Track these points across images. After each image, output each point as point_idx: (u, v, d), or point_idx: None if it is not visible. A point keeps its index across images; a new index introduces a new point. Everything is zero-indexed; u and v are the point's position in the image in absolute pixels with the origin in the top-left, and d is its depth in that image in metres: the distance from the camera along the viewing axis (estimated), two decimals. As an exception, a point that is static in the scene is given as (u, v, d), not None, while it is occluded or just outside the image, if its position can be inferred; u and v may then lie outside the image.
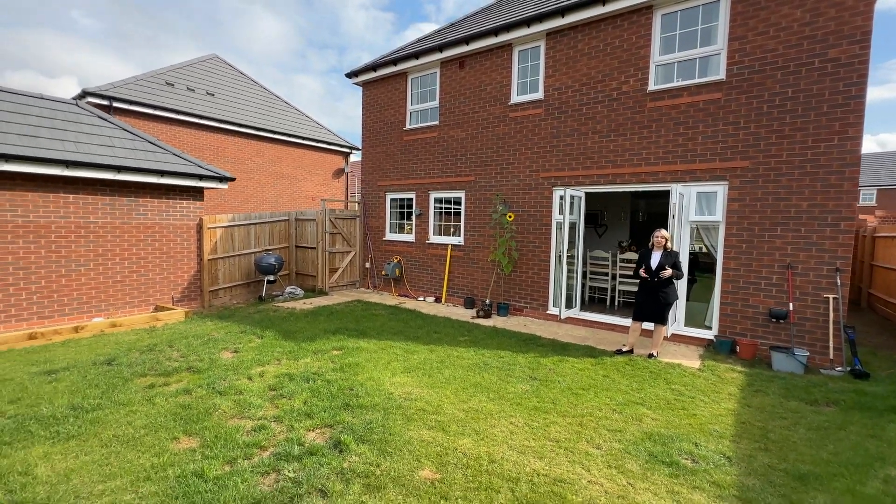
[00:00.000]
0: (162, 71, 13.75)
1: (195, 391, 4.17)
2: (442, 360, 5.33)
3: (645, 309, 5.70)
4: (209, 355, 5.29)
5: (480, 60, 8.68)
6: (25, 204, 6.52)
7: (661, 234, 5.67)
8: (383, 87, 10.44)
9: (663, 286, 5.55)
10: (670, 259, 5.55)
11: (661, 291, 5.55)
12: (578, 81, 7.45)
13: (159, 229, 8.00)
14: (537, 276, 8.03)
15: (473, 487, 2.76)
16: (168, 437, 3.28)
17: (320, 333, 6.39)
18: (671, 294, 5.60)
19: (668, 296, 5.57)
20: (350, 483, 2.75)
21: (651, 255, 5.67)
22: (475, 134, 8.82)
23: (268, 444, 3.23)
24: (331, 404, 3.90)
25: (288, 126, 15.95)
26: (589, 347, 6.13)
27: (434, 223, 9.74)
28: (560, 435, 3.52)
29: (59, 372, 4.65)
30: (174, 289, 8.26)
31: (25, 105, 7.32)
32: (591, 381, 4.79)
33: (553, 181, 7.80)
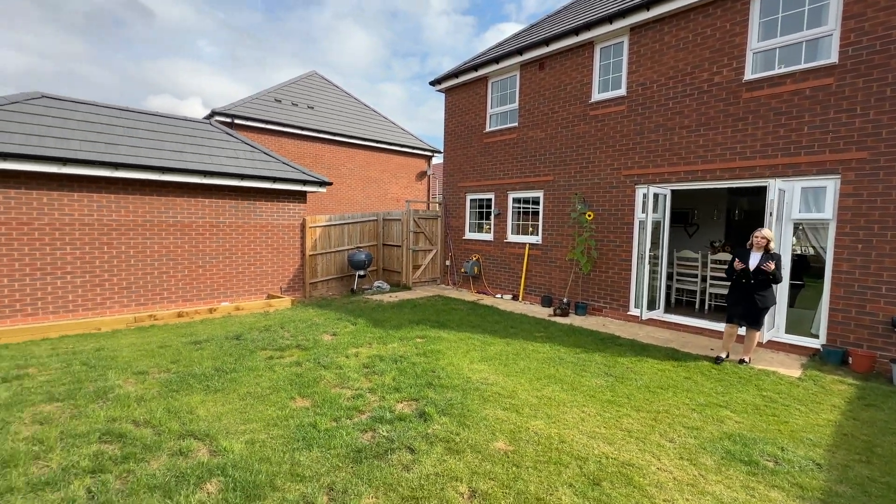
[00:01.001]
0: (271, 90, 15.65)
1: (304, 364, 4.92)
2: (517, 353, 5.58)
3: (739, 311, 5.33)
4: (313, 336, 6.11)
5: (560, 60, 8.73)
6: (175, 207, 8.01)
7: (763, 234, 5.18)
8: (464, 93, 10.90)
9: (761, 289, 5.14)
10: (771, 260, 5.11)
11: (759, 294, 5.15)
12: (664, 75, 7.20)
13: (271, 228, 9.26)
14: (618, 275, 7.89)
15: (543, 461, 3.01)
16: (287, 397, 3.99)
17: (405, 323, 6.99)
18: (769, 297, 5.21)
19: (765, 299, 5.17)
20: (433, 445, 3.16)
21: (749, 256, 5.25)
22: (554, 134, 8.89)
23: (365, 409, 3.78)
24: (416, 382, 4.38)
25: (376, 133, 17.17)
26: (671, 349, 5.95)
27: (512, 222, 9.96)
28: (632, 426, 3.60)
29: (202, 343, 5.74)
30: (282, 280, 9.49)
31: (173, 126, 8.95)
32: (670, 381, 4.72)
33: (636, 179, 7.61)
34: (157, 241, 7.83)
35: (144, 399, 3.89)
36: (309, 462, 2.92)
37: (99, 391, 4.04)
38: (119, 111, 8.52)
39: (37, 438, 3.16)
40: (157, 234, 7.83)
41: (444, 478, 2.79)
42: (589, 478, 2.84)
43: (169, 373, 4.59)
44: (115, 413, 3.59)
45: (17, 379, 4.34)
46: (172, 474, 2.75)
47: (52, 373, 4.53)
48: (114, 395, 3.95)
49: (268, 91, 15.46)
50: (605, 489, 2.72)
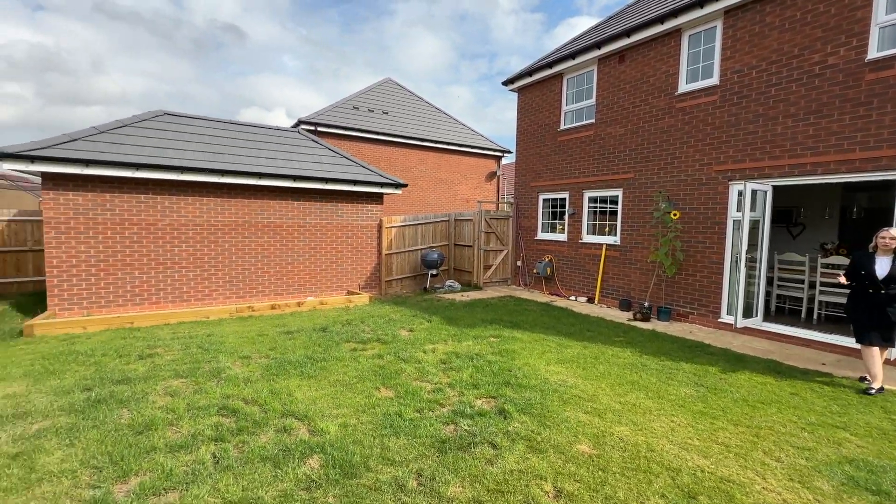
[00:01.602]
0: (349, 98, 16.56)
1: (385, 357, 5.18)
2: (596, 357, 5.40)
3: (868, 325, 4.51)
4: (391, 331, 6.39)
5: (643, 52, 8.29)
6: (269, 209, 8.80)
7: (892, 234, 4.43)
8: (538, 91, 10.74)
9: (894, 300, 4.39)
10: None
11: (891, 307, 4.39)
12: (766, 60, 6.55)
13: (351, 228, 9.82)
14: (707, 279, 7.31)
15: (631, 468, 2.90)
16: (372, 387, 4.23)
17: (478, 322, 7.06)
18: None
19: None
20: (515, 442, 3.19)
21: (874, 261, 4.50)
22: (635, 129, 8.46)
23: (445, 402, 3.90)
24: (493, 380, 4.42)
25: (447, 135, 17.48)
26: (773, 362, 5.40)
27: (588, 222, 9.63)
28: (730, 441, 3.34)
29: (293, 333, 6.26)
30: (360, 277, 10.02)
31: (267, 135, 9.83)
32: (773, 396, 4.29)
33: (729, 174, 7.01)
34: (254, 240, 8.66)
35: (250, 380, 4.34)
36: (397, 448, 3.09)
37: (213, 371, 4.58)
38: (223, 123, 9.55)
39: (169, 408, 3.67)
40: (254, 233, 8.65)
41: (528, 475, 2.80)
42: (683, 490, 2.69)
43: (268, 358, 5.07)
44: (228, 391, 4.05)
45: (150, 357, 5.06)
46: (279, 448, 3.06)
47: (175, 353, 5.22)
48: (225, 376, 4.45)
49: (346, 99, 16.39)
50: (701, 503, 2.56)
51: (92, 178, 7.12)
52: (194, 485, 2.64)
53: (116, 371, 4.55)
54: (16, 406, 3.69)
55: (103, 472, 2.75)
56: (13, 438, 3.17)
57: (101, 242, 7.29)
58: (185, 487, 2.62)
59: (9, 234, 9.07)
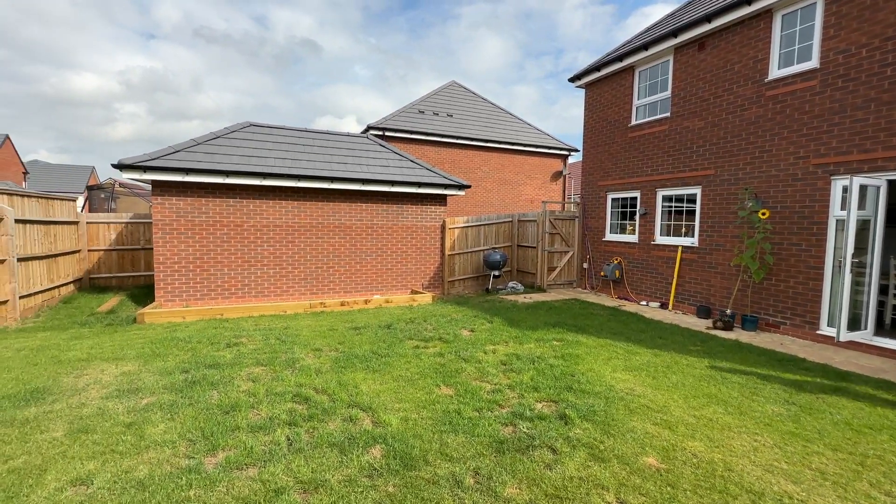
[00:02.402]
0: (415, 102, 17.01)
1: (446, 355, 5.26)
2: (668, 366, 5.06)
3: None
4: (453, 331, 6.47)
5: (726, 37, 7.62)
6: (339, 211, 9.31)
7: None
8: (606, 86, 10.28)
9: None
10: None
11: None
12: (879, 37, 5.73)
13: (416, 229, 10.09)
14: (803, 286, 6.54)
15: (705, 486, 2.69)
16: (432, 384, 4.33)
17: (541, 325, 6.92)
18: None
19: None
20: (576, 448, 3.09)
21: None
22: (716, 122, 7.79)
23: (504, 403, 3.88)
24: (554, 384, 4.32)
25: (511, 135, 17.32)
26: (886, 382, 4.71)
27: (661, 223, 9.04)
28: (826, 468, 2.97)
29: (360, 329, 6.58)
30: (423, 277, 10.25)
31: (338, 141, 10.41)
32: (884, 420, 3.75)
33: (831, 168, 6.22)
34: (326, 241, 9.22)
35: (321, 371, 4.64)
36: (455, 445, 3.14)
37: (289, 361, 4.96)
38: (300, 132, 10.27)
39: (251, 392, 4.04)
40: (326, 234, 9.21)
41: (589, 483, 2.71)
42: (766, 516, 2.44)
43: (337, 352, 5.38)
44: (301, 380, 4.37)
45: (235, 346, 5.59)
46: (345, 436, 3.24)
47: (257, 343, 5.71)
48: (299, 366, 4.80)
49: (412, 104, 16.85)
50: (788, 533, 2.31)
51: (191, 184, 8.02)
52: (271, 463, 2.88)
53: (208, 357, 5.08)
54: (130, 382, 4.27)
55: (196, 445, 3.10)
56: (127, 410, 3.67)
57: (198, 241, 8.18)
58: (262, 465, 2.87)
59: (126, 235, 10.49)
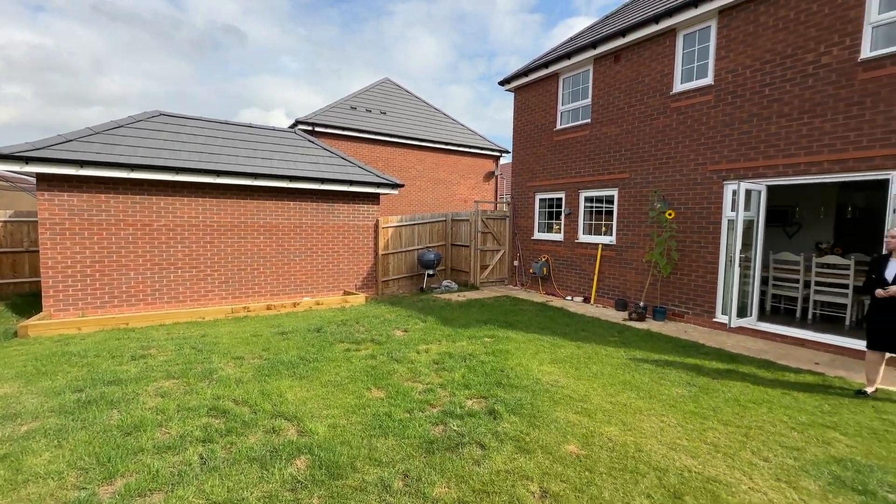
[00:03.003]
0: (347, 98, 16.56)
1: (378, 357, 5.18)
2: (589, 357, 5.40)
3: (884, 336, 4.28)
4: (386, 332, 6.39)
5: (638, 52, 8.29)
6: (265, 209, 8.80)
7: (893, 234, 4.30)
8: (534, 91, 10.74)
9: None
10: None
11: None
12: (759, 60, 6.55)
13: (347, 229, 9.82)
14: (702, 279, 7.31)
15: (618, 468, 2.91)
16: (363, 387, 4.23)
17: (473, 322, 7.06)
18: None
19: None
20: (504, 443, 3.19)
21: (885, 264, 4.32)
22: (630, 129, 8.46)
23: (436, 403, 3.90)
24: (485, 380, 4.42)
25: (445, 135, 17.48)
26: (766, 361, 5.41)
27: (584, 222, 9.63)
28: (718, 441, 3.34)
29: (288, 333, 6.26)
30: (356, 278, 10.02)
31: (263, 135, 9.84)
32: (764, 396, 4.30)
33: (724, 174, 7.01)
34: (250, 241, 8.66)
35: (242, 381, 4.35)
36: (385, 449, 3.09)
37: (205, 372, 4.58)
38: (219, 124, 9.55)
39: (159, 409, 3.67)
40: (250, 234, 8.66)
41: (515, 475, 2.80)
42: (669, 490, 2.69)
43: (261, 359, 5.07)
44: (219, 392, 4.06)
45: (142, 358, 5.06)
46: (267, 449, 3.06)
47: (168, 354, 5.22)
48: (217, 377, 4.46)
49: (344, 99, 16.39)
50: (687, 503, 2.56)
51: (87, 178, 7.12)
52: (180, 486, 2.64)
53: (108, 372, 4.55)
54: (6, 407, 3.69)
55: (90, 474, 2.75)
56: (1, 440, 3.17)
57: (97, 243, 7.29)
58: (170, 488, 2.62)
59: (4, 235, 9.07)
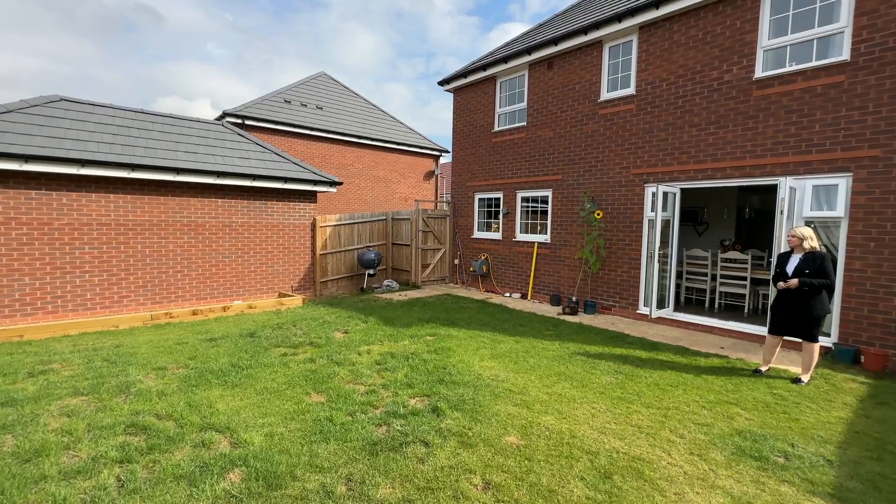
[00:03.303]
0: (280, 91, 15.82)
1: (318, 360, 5.02)
2: (527, 351, 5.64)
3: (782, 322, 4.82)
4: (325, 334, 6.21)
5: (569, 60, 8.75)
6: (189, 207, 8.16)
7: (793, 233, 4.76)
8: (472, 92, 10.95)
9: (805, 296, 4.61)
10: (813, 263, 4.57)
11: (804, 302, 4.62)
12: (674, 74, 7.20)
13: (282, 228, 9.39)
14: (627, 274, 7.90)
15: (555, 454, 3.07)
16: (302, 392, 4.08)
17: (415, 321, 7.07)
18: (818, 306, 4.59)
19: (812, 308, 4.59)
20: (447, 439, 3.24)
21: (789, 259, 4.80)
22: (563, 133, 8.92)
23: (379, 404, 3.86)
24: (427, 379, 4.45)
25: (385, 133, 17.28)
26: (681, 348, 5.97)
27: (521, 221, 10.00)
28: (642, 422, 3.65)
29: (217, 340, 5.87)
30: (293, 279, 9.62)
31: (187, 127, 9.12)
32: (680, 379, 4.74)
33: (645, 177, 7.62)
34: (172, 241, 7.99)
35: (165, 394, 4.01)
36: (327, 454, 3.01)
37: (121, 386, 4.17)
38: (134, 113, 8.70)
39: (65, 430, 3.28)
40: (172, 233, 7.98)
41: (458, 470, 2.86)
42: (600, 471, 2.89)
43: (187, 369, 4.71)
44: (138, 407, 3.71)
45: (43, 374, 4.49)
46: (196, 464, 2.86)
47: (76, 368, 4.68)
48: (135, 390, 4.07)
49: (277, 92, 15.64)
50: (616, 482, 2.77)
51: (-33, 170, 6.16)
52: (94, 513, 2.39)
53: None
54: None
55: (-22, 510, 2.40)
56: None
57: (-19, 245, 6.34)
58: (82, 517, 2.36)
59: None
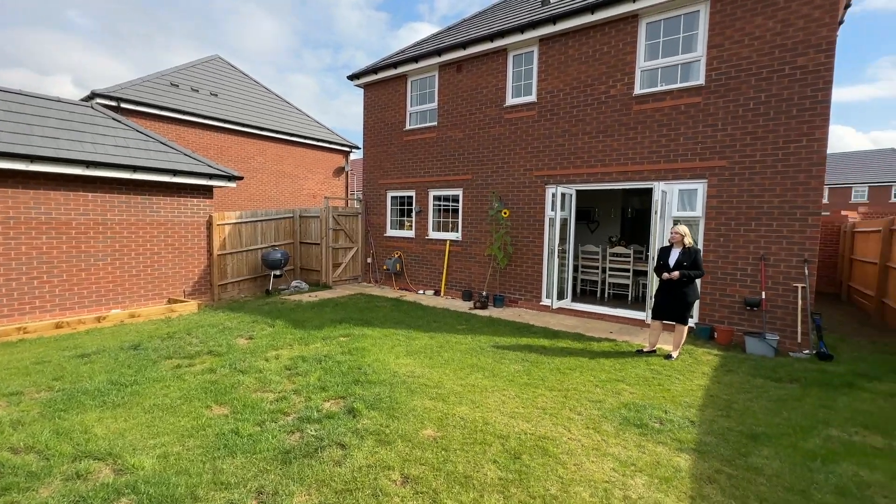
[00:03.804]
0: (167, 72, 14.13)
1: (219, 370, 4.63)
2: (441, 346, 5.79)
3: (664, 308, 5.55)
4: (226, 341, 5.73)
5: (477, 64, 9.12)
6: (49, 202, 6.93)
7: (676, 230, 5.50)
8: (384, 89, 10.86)
9: (683, 285, 5.37)
10: (689, 256, 5.36)
11: (681, 290, 5.38)
12: (569, 85, 7.90)
13: (171, 226, 8.42)
14: (531, 269, 8.49)
15: (469, 442, 3.22)
16: (202, 406, 3.74)
17: (327, 322, 6.84)
18: (691, 293, 5.42)
19: (687, 295, 5.39)
20: (364, 438, 3.21)
21: (670, 253, 5.54)
22: (472, 134, 9.27)
23: (290, 410, 3.69)
24: (342, 380, 4.36)
25: (290, 126, 16.34)
26: (578, 334, 6.60)
27: (433, 220, 10.19)
28: (546, 404, 3.98)
29: (91, 355, 5.09)
30: (186, 282, 8.68)
31: (46, 108, 7.72)
32: (577, 362, 5.25)
33: (546, 179, 8.26)
34: (26, 242, 6.72)
35: (23, 423, 3.38)
36: (233, 469, 2.81)
37: (-42, 419, 3.42)
38: (-33, 86, 7.12)
39: None
40: (26, 232, 6.72)
41: (377, 468, 2.86)
42: (510, 453, 3.10)
43: (52, 391, 4.02)
44: (-16, 441, 3.08)
45: None
46: (69, 499, 2.47)
47: None
48: (-21, 422, 3.38)
49: (162, 73, 13.94)
50: (524, 461, 3.00)
51: None
52: (-74, 576, 1.95)
53: None
54: None
55: None
56: None
57: None
58: None
59: None
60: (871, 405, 4.15)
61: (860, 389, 4.55)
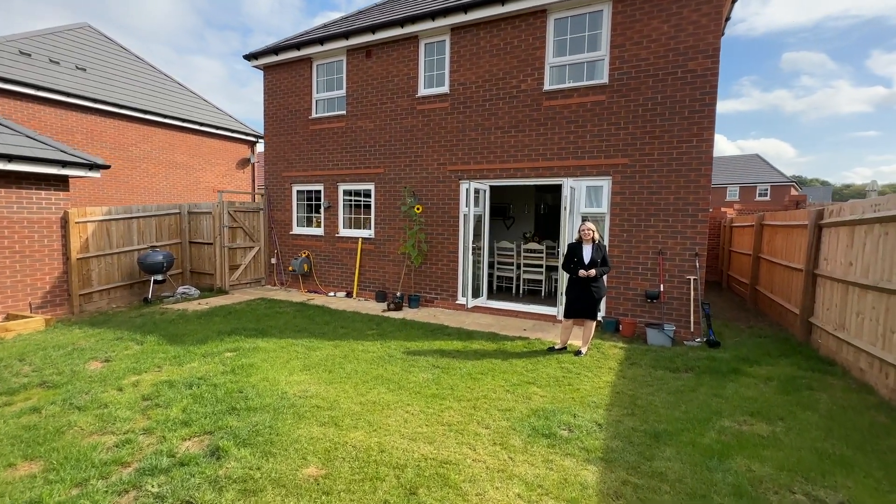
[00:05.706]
0: (14, 37, 11.67)
1: (46, 409, 3.63)
2: (345, 356, 5.22)
3: (577, 306, 5.48)
4: (70, 367, 4.63)
5: (387, 51, 8.57)
6: None
7: (587, 227, 5.45)
8: (286, 73, 9.87)
9: (594, 281, 5.41)
10: (600, 252, 5.43)
11: (593, 286, 5.41)
12: (482, 78, 7.68)
13: (8, 224, 6.80)
14: (446, 267, 8.19)
15: (358, 479, 2.74)
16: (1, 465, 2.81)
17: (213, 335, 5.91)
18: (602, 288, 5.54)
19: (599, 290, 5.47)
20: (224, 490, 2.58)
21: (582, 249, 5.50)
22: (384, 125, 8.72)
23: (131, 459, 2.91)
24: (214, 409, 3.63)
25: (182, 110, 14.43)
26: (493, 334, 6.40)
27: (344, 216, 9.48)
28: (453, 419, 3.63)
29: None
30: (32, 293, 7.09)
31: None
32: (490, 365, 5.00)
33: (460, 174, 7.98)
34: None
35: None
36: (17, 562, 2.05)
37: None
38: None
39: None
40: None
41: (233, 531, 2.27)
42: (406, 488, 2.68)
43: None
44: None
45: None
46: None
47: None
48: None
49: (8, 39, 11.46)
50: (421, 497, 2.59)
51: None
52: None
53: None
54: None
55: None
56: None
57: None
58: None
59: None
60: (755, 391, 4.39)
61: (744, 375, 4.83)
